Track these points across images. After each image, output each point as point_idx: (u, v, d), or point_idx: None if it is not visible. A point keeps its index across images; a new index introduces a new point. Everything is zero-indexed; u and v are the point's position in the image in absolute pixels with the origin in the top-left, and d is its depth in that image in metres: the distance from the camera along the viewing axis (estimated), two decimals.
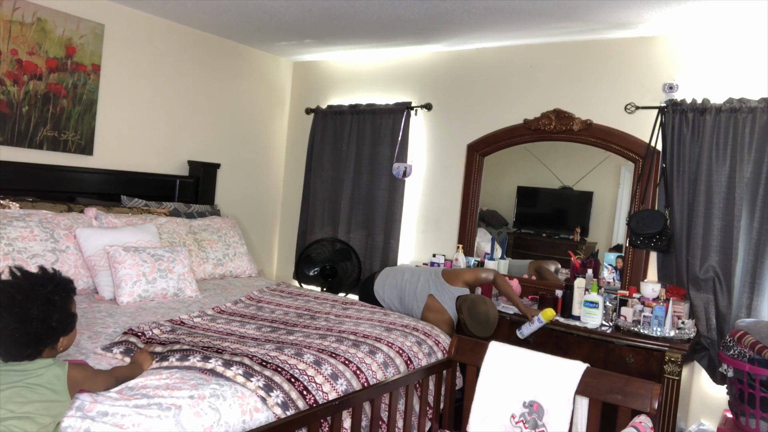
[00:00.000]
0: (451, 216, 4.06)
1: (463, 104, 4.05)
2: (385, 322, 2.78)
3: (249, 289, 3.33)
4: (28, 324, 1.46)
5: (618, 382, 1.95)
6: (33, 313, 1.47)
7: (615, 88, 3.45)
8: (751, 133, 2.94)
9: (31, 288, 1.49)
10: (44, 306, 1.49)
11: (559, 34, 3.49)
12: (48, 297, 1.50)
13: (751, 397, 2.56)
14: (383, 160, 4.23)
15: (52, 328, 1.51)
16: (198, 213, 3.88)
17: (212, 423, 1.71)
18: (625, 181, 3.46)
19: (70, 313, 1.59)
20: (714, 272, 3.02)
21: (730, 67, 3.10)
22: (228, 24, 3.96)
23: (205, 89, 4.30)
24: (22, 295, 1.47)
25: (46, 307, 1.49)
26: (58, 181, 3.43)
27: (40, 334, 1.48)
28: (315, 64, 4.86)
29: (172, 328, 2.40)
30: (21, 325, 1.45)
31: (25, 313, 1.46)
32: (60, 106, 3.45)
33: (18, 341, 1.45)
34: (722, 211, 3.02)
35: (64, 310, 1.56)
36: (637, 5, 2.88)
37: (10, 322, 1.44)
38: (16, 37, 3.22)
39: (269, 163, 4.92)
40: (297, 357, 2.14)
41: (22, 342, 1.46)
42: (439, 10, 3.21)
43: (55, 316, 1.51)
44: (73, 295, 1.61)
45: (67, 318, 1.57)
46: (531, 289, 3.57)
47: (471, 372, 2.27)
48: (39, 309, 1.48)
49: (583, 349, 2.96)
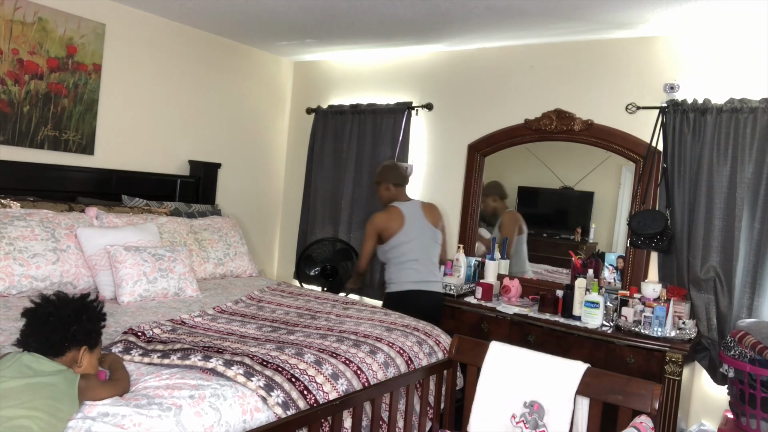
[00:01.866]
0: (451, 216, 4.06)
1: (463, 104, 4.05)
2: (385, 322, 2.78)
3: (250, 289, 3.33)
4: (58, 321, 1.67)
5: (619, 382, 1.95)
6: (64, 314, 1.68)
7: (616, 88, 3.44)
8: (752, 133, 2.94)
9: (65, 301, 1.73)
10: (72, 314, 1.71)
11: (560, 34, 3.49)
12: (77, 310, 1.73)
13: (751, 398, 2.56)
14: (384, 160, 4.22)
15: (73, 334, 1.69)
16: (199, 213, 3.88)
17: (213, 423, 1.71)
18: (626, 181, 3.46)
19: (91, 329, 1.75)
20: (715, 272, 3.02)
21: (731, 68, 3.10)
22: (229, 24, 3.96)
23: (206, 89, 4.31)
24: (60, 303, 1.71)
25: (72, 315, 1.71)
26: (59, 181, 3.44)
27: (63, 334, 1.67)
28: (316, 63, 4.86)
29: (173, 328, 2.40)
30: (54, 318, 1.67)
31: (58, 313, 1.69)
32: (61, 106, 3.45)
33: (47, 332, 1.65)
34: (723, 211, 3.01)
35: (85, 325, 1.74)
36: (638, 5, 2.88)
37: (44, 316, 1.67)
38: (17, 36, 3.23)
39: (270, 163, 4.92)
40: (298, 357, 2.14)
41: (49, 333, 1.65)
42: (440, 10, 3.21)
43: (74, 327, 1.69)
44: (95, 318, 1.79)
45: (88, 332, 1.73)
46: (531, 289, 3.57)
47: (472, 372, 2.27)
48: (67, 315, 1.69)
49: (584, 349, 2.96)
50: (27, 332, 1.67)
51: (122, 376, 1.81)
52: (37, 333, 1.65)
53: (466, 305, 3.39)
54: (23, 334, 1.67)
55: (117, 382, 1.76)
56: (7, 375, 1.52)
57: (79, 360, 1.70)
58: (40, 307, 1.69)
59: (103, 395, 1.67)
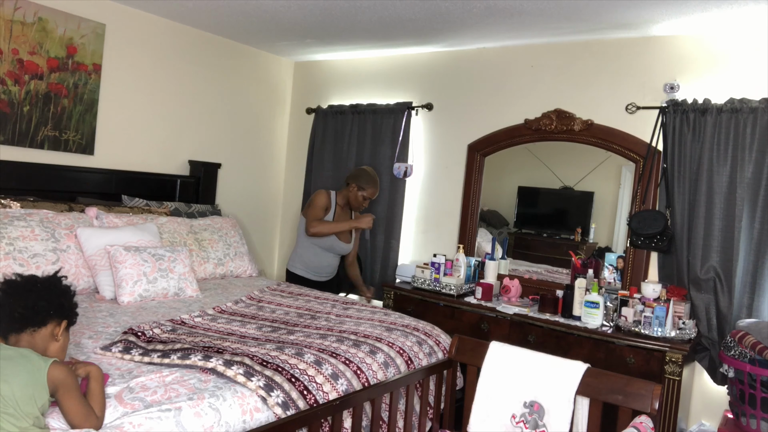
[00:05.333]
0: (451, 216, 4.06)
1: (463, 104, 4.05)
2: (385, 322, 2.78)
3: (250, 289, 3.33)
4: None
5: (618, 382, 1.95)
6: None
7: (616, 88, 3.44)
8: (752, 133, 2.94)
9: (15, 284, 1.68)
10: (57, 285, 1.70)
11: (560, 34, 3.49)
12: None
13: (751, 398, 2.56)
14: (384, 160, 4.23)
15: (60, 303, 1.67)
16: (199, 213, 3.88)
17: (212, 423, 1.71)
18: (626, 181, 3.46)
19: (74, 305, 1.72)
20: (715, 272, 3.02)
21: (731, 68, 3.10)
22: (229, 24, 3.96)
23: (206, 89, 4.31)
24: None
25: (58, 286, 1.70)
26: (59, 181, 3.43)
27: (50, 301, 1.66)
28: (316, 63, 4.86)
29: (173, 328, 2.41)
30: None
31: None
32: (61, 106, 3.45)
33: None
34: (723, 211, 3.01)
35: (70, 300, 1.71)
36: (638, 5, 2.88)
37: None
38: (17, 36, 3.23)
39: (270, 163, 4.92)
40: (297, 357, 2.14)
41: (36, 299, 1.63)
42: (440, 10, 3.21)
43: (61, 298, 1.68)
44: (72, 297, 1.73)
45: (72, 306, 1.71)
46: (531, 290, 3.57)
47: (471, 372, 2.27)
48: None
49: (584, 349, 2.96)
50: (8, 300, 1.60)
51: (99, 406, 1.59)
52: (23, 299, 1.60)
53: (466, 305, 3.39)
54: (1, 303, 1.60)
55: (92, 413, 1.55)
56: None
57: (58, 334, 1.64)
58: (23, 277, 1.66)
59: (77, 411, 1.51)
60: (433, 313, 3.47)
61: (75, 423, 1.52)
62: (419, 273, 3.67)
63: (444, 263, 3.62)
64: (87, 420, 1.52)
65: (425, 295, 3.56)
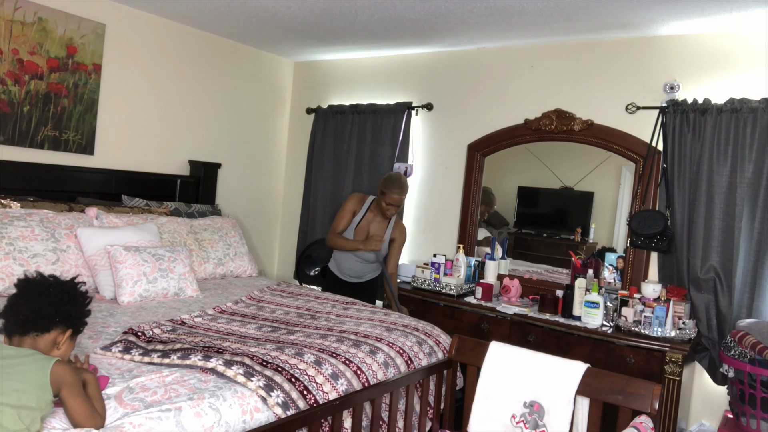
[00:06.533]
0: (451, 216, 4.06)
1: (463, 104, 4.05)
2: (385, 322, 2.78)
3: (250, 289, 3.33)
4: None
5: (619, 382, 1.95)
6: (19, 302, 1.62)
7: (616, 88, 3.44)
8: (752, 133, 2.94)
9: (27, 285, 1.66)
10: (70, 292, 1.69)
11: (560, 34, 3.49)
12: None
13: (751, 398, 2.56)
14: (384, 160, 4.23)
15: (67, 311, 1.65)
16: (199, 213, 3.88)
17: (212, 423, 1.71)
18: (626, 181, 3.46)
19: (82, 315, 1.71)
20: (715, 272, 3.02)
21: (731, 68, 3.10)
22: (229, 24, 3.96)
23: (206, 89, 4.31)
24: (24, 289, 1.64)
25: (71, 293, 1.69)
26: (59, 181, 3.43)
27: (58, 308, 1.64)
28: (316, 64, 4.86)
29: (173, 328, 2.41)
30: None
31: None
32: (61, 106, 3.45)
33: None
34: (723, 211, 3.01)
35: (79, 308, 1.70)
36: (638, 5, 2.88)
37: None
38: (17, 36, 3.23)
39: (270, 163, 4.92)
40: (297, 357, 2.14)
41: (44, 303, 1.62)
42: (440, 10, 3.21)
43: (69, 306, 1.66)
44: (86, 305, 1.73)
45: (79, 315, 1.70)
46: (531, 290, 3.57)
47: (471, 372, 2.27)
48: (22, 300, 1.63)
49: (584, 349, 2.96)
50: (18, 300, 1.60)
51: (100, 408, 1.60)
52: (31, 301, 1.59)
53: (466, 305, 3.39)
54: (11, 303, 1.60)
55: (95, 412, 1.56)
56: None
57: (60, 343, 1.62)
58: (39, 279, 1.65)
59: (81, 411, 1.51)
60: (433, 313, 3.48)
61: (79, 422, 1.52)
62: (419, 273, 3.67)
63: (444, 263, 3.62)
64: (91, 418, 1.53)
65: (425, 295, 3.56)
